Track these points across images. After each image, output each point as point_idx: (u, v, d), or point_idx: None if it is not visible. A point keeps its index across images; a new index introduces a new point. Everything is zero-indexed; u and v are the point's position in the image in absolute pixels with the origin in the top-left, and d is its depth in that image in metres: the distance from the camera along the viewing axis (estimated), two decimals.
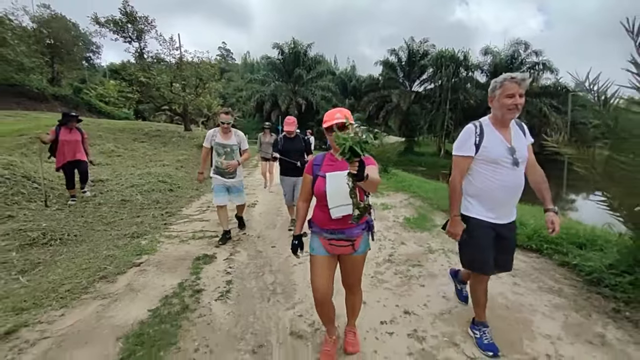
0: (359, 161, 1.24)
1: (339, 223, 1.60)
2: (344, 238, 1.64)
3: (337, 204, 1.56)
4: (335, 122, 1.55)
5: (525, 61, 27.19)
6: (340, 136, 1.25)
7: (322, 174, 1.64)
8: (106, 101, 29.39)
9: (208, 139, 3.54)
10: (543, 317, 2.19)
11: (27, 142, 8.94)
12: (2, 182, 4.60)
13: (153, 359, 1.82)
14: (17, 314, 2.24)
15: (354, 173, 1.25)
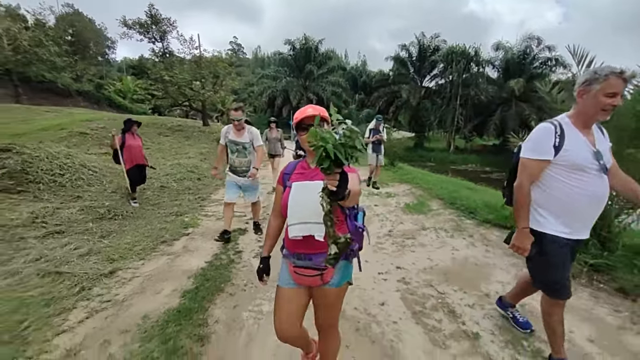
0: (340, 173, 0.92)
1: (305, 245, 1.27)
2: (311, 266, 1.30)
3: (298, 220, 1.25)
4: (306, 115, 1.31)
5: (537, 57, 27.04)
6: (318, 133, 0.91)
7: (289, 184, 1.34)
8: (123, 96, 30.60)
9: (223, 136, 3.51)
10: (500, 271, 2.90)
11: (67, 136, 9.95)
12: (67, 169, 5.50)
13: (217, 288, 2.61)
14: (110, 262, 3.07)
15: (332, 190, 0.93)
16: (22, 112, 12.68)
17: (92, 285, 2.63)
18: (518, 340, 1.98)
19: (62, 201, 4.63)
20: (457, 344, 1.97)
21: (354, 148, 0.90)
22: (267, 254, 1.51)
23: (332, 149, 0.87)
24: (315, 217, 1.15)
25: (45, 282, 2.62)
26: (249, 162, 3.53)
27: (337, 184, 0.92)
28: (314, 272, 1.31)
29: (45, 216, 3.98)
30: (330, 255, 1.00)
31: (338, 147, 0.88)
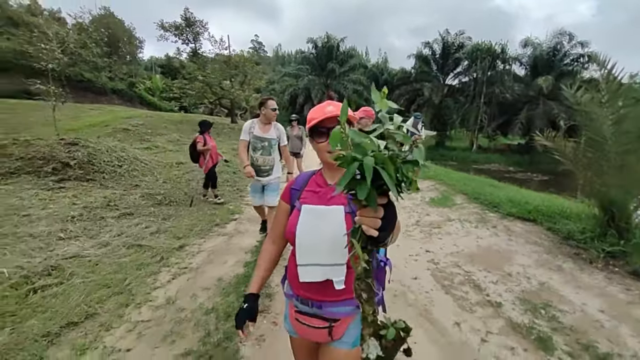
0: (385, 205, 0.59)
1: (315, 289, 0.95)
2: (319, 315, 0.97)
3: (310, 261, 0.92)
4: (326, 116, 0.96)
5: (569, 53, 26.08)
6: (348, 138, 0.56)
7: (298, 206, 1.01)
8: (152, 94, 32.05)
9: (246, 132, 3.16)
10: (522, 256, 3.20)
11: (112, 131, 10.85)
12: (123, 161, 6.19)
13: None
14: (178, 239, 3.61)
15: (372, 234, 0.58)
16: (71, 110, 13.80)
17: (169, 256, 3.17)
18: (537, 309, 2.31)
19: (124, 189, 5.28)
20: (482, 309, 2.33)
21: (412, 164, 0.54)
22: (256, 290, 1.07)
23: (371, 164, 0.50)
24: (334, 257, 0.87)
25: (131, 252, 3.18)
26: (273, 161, 3.21)
27: (379, 224, 0.56)
28: (321, 324, 0.96)
29: (115, 200, 4.61)
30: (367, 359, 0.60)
31: (385, 161, 0.51)
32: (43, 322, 2.04)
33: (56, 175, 5.19)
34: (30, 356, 1.78)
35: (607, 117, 2.87)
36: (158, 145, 10.25)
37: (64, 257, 2.89)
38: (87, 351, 1.86)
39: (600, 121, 2.97)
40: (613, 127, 2.81)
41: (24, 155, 5.34)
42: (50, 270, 2.66)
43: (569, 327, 2.11)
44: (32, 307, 2.20)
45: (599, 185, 3.11)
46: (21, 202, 4.09)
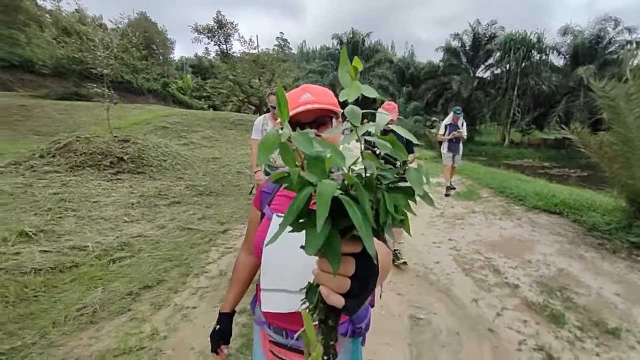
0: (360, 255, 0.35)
1: (288, 318, 0.75)
2: (296, 349, 0.79)
3: (277, 287, 0.75)
4: (300, 111, 0.75)
5: (614, 40, 24.31)
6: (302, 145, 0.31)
7: (269, 213, 0.83)
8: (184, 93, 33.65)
9: (257, 129, 2.80)
10: (544, 246, 3.32)
11: (153, 129, 11.73)
12: (168, 156, 6.83)
13: None
14: (221, 224, 4.06)
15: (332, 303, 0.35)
16: (117, 110, 14.98)
17: (216, 238, 3.61)
18: (553, 291, 2.48)
19: (171, 181, 5.87)
20: (500, 290, 2.54)
21: (404, 194, 0.36)
22: (230, 309, 0.97)
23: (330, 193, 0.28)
24: (295, 286, 0.67)
25: (184, 234, 3.66)
26: None
27: (347, 286, 0.36)
28: (300, 358, 0.79)
29: (164, 191, 5.18)
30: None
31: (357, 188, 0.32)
32: (125, 285, 2.52)
33: (113, 168, 5.87)
34: (120, 309, 2.25)
35: (632, 110, 2.92)
36: (194, 141, 10.97)
37: (131, 237, 3.42)
38: (163, 307, 2.30)
39: (626, 115, 3.02)
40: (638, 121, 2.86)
41: (86, 151, 6.08)
42: (123, 246, 3.18)
43: (582, 306, 2.27)
44: (113, 274, 2.70)
45: (626, 178, 3.15)
46: (89, 191, 4.75)
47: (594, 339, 1.97)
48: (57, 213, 3.79)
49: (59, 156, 5.96)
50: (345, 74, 0.37)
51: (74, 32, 17.36)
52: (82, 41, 16.46)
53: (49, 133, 10.94)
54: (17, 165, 5.69)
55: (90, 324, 2.08)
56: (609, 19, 24.16)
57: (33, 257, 2.75)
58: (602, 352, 1.86)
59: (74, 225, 3.54)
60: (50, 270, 2.62)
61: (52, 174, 5.41)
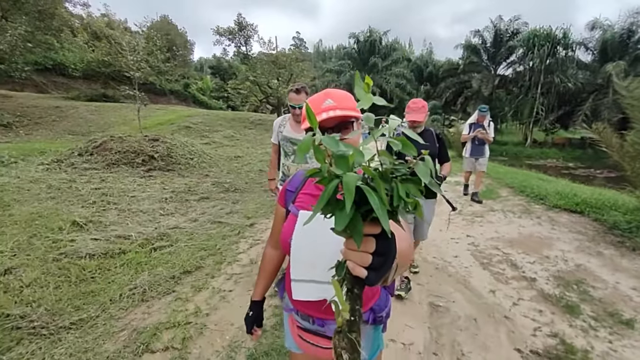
0: (378, 236, 0.44)
1: (316, 306, 0.83)
2: (321, 334, 0.88)
3: (306, 277, 0.82)
4: (324, 118, 0.80)
5: None
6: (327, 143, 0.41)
7: (294, 210, 0.89)
8: (203, 93, 34.49)
9: (275, 131, 2.51)
10: (563, 243, 3.38)
11: (177, 129, 12.22)
12: (194, 154, 7.20)
13: None
14: (248, 218, 4.32)
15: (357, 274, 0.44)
16: (143, 111, 15.69)
17: (244, 231, 3.87)
18: (569, 284, 2.57)
19: (198, 178, 6.21)
20: (517, 282, 2.65)
21: (412, 183, 0.43)
22: (260, 297, 1.08)
23: (353, 182, 0.37)
24: (326, 277, 0.67)
25: (214, 227, 3.94)
26: None
27: (368, 260, 0.43)
28: (326, 344, 0.87)
29: (193, 187, 5.51)
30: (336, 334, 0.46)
31: (375, 179, 0.39)
32: (167, 270, 2.80)
33: (145, 165, 6.27)
34: (165, 290, 2.52)
35: None
36: (215, 140, 11.37)
37: (168, 228, 3.72)
38: (202, 290, 2.55)
39: None
40: None
41: (120, 149, 6.51)
42: (162, 236, 3.48)
43: (598, 299, 2.36)
44: (156, 260, 2.99)
45: None
46: (126, 186, 5.13)
47: (608, 328, 2.06)
48: (101, 206, 4.16)
49: (96, 154, 6.42)
50: (360, 89, 0.46)
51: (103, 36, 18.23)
52: (111, 45, 17.34)
53: (82, 132, 11.64)
54: (59, 162, 6.17)
55: (142, 302, 2.36)
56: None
57: (86, 243, 3.08)
58: (614, 340, 1.96)
59: (117, 217, 3.88)
60: (102, 255, 2.93)
61: (91, 170, 5.85)
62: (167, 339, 1.97)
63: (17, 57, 12.06)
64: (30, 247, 2.91)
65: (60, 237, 3.13)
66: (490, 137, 5.00)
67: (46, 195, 4.33)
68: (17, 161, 6.23)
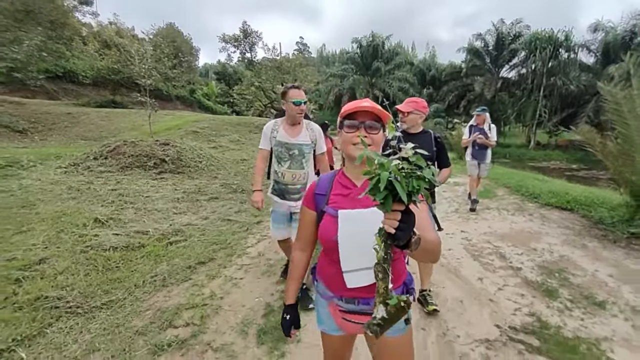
0: (402, 211, 0.69)
1: (361, 288, 0.98)
2: (366, 312, 0.99)
3: (357, 267, 0.96)
4: (360, 109, 0.97)
5: None
6: (371, 157, 0.70)
7: (330, 211, 1.01)
8: (208, 98, 34.98)
9: (266, 136, 2.35)
10: (551, 237, 3.59)
11: (184, 134, 12.56)
12: (202, 158, 7.51)
13: None
14: (255, 217, 4.59)
15: (390, 232, 0.70)
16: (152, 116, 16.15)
17: (252, 228, 4.14)
18: (552, 272, 2.79)
19: (207, 179, 6.51)
20: (504, 271, 2.88)
21: (421, 180, 0.66)
22: (294, 300, 1.14)
23: (386, 177, 0.65)
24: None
25: (224, 224, 4.21)
26: (306, 177, 2.35)
27: (396, 225, 0.69)
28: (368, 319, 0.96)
29: (202, 188, 5.80)
30: (374, 320, 0.73)
31: (399, 176, 0.66)
32: (183, 261, 3.07)
33: (156, 168, 6.59)
34: (183, 277, 2.79)
35: (635, 112, 3.16)
36: (222, 145, 11.69)
37: (181, 225, 4.00)
38: (216, 277, 2.82)
39: (628, 117, 3.26)
40: (636, 122, 3.11)
41: (133, 153, 6.84)
42: (176, 232, 3.76)
43: (576, 284, 2.58)
44: (173, 253, 3.26)
45: (629, 174, 3.38)
46: (140, 187, 5.43)
47: (582, 308, 2.29)
48: (119, 205, 4.46)
49: (110, 158, 6.75)
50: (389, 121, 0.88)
51: (113, 44, 18.78)
52: (120, 53, 17.86)
53: (93, 137, 12.06)
54: (76, 165, 6.51)
55: (163, 287, 2.63)
56: None
57: (108, 238, 3.37)
58: (586, 318, 2.18)
59: (134, 215, 4.18)
60: (124, 248, 3.21)
61: (106, 173, 6.17)
62: (187, 317, 2.24)
63: (32, 66, 12.56)
64: (59, 241, 3.21)
65: (85, 232, 3.43)
66: (492, 141, 4.85)
67: (67, 196, 4.65)
68: (36, 165, 6.59)
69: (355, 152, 0.96)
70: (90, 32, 23.09)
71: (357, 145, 0.95)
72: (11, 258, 2.77)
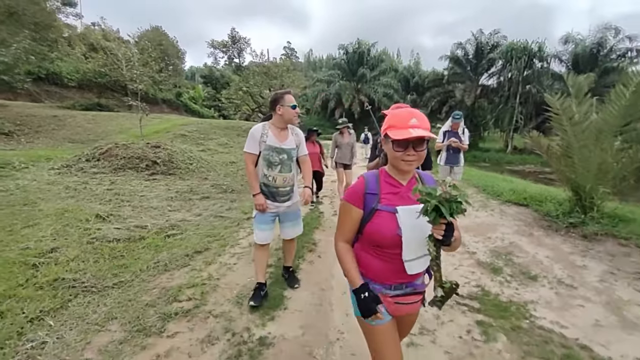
0: (447, 223, 0.96)
1: (407, 273, 1.14)
2: (413, 292, 1.22)
3: (416, 255, 1.12)
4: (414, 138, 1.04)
5: (615, 48, 24.89)
6: (422, 190, 0.96)
7: (388, 208, 1.11)
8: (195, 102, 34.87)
9: (255, 140, 2.34)
10: (506, 227, 4.14)
11: (173, 137, 12.76)
12: (193, 160, 7.81)
13: (314, 226, 4.31)
14: (245, 213, 4.95)
15: (438, 238, 0.98)
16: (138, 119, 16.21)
17: (242, 223, 4.51)
18: (500, 255, 3.30)
19: (198, 180, 6.83)
20: (460, 255, 3.37)
21: (458, 203, 0.93)
22: (362, 280, 1.17)
23: (434, 204, 0.92)
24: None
25: (216, 220, 4.57)
26: (293, 180, 2.49)
27: (442, 233, 0.96)
28: (416, 298, 1.24)
29: (194, 188, 6.12)
30: (437, 298, 1.05)
31: (443, 202, 0.92)
32: (182, 250, 3.43)
33: (149, 170, 6.86)
34: (182, 264, 3.15)
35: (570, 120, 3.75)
36: (211, 148, 11.96)
37: (177, 220, 4.34)
38: (212, 263, 3.19)
39: (566, 124, 3.85)
40: (572, 128, 3.69)
41: (125, 155, 7.08)
42: (172, 227, 4.10)
43: (518, 264, 3.10)
44: (171, 244, 3.61)
45: (569, 173, 3.96)
46: (134, 187, 5.72)
47: (518, 281, 2.79)
48: (117, 203, 4.75)
49: (103, 160, 6.98)
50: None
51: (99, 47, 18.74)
52: (107, 56, 17.85)
53: (81, 140, 12.10)
54: (69, 167, 6.72)
55: (165, 271, 2.99)
56: (610, 27, 24.78)
57: (111, 231, 3.69)
58: (520, 288, 2.68)
59: (132, 212, 4.48)
60: (126, 240, 3.54)
61: (100, 174, 6.41)
62: (189, 293, 2.61)
63: (19, 69, 12.52)
64: (66, 233, 3.50)
65: (88, 227, 3.73)
66: (465, 145, 4.88)
67: (66, 195, 4.90)
68: (28, 166, 6.75)
69: (405, 167, 1.10)
70: (74, 34, 22.87)
71: (407, 162, 1.09)
72: (25, 247, 3.07)
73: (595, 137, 3.62)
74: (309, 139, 5.12)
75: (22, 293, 2.42)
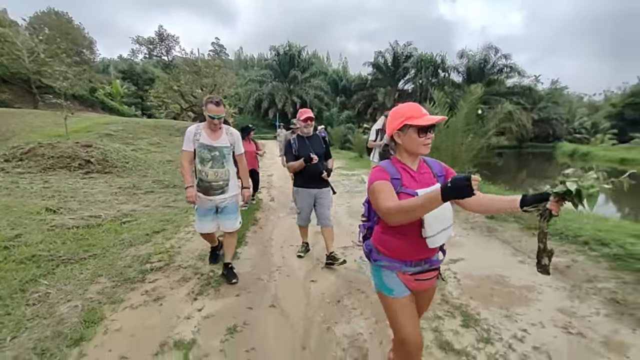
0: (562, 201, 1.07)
1: (425, 250, 1.29)
2: (430, 268, 1.36)
3: (438, 230, 1.24)
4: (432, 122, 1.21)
5: (495, 64, 30.63)
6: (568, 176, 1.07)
7: (409, 191, 1.23)
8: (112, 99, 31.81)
9: (189, 139, 2.63)
10: None
11: (97, 137, 12.11)
12: (129, 159, 7.91)
13: (250, 220, 5.23)
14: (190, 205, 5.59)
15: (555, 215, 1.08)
16: (50, 117, 14.61)
17: (190, 210, 5.16)
18: None
19: (138, 178, 7.08)
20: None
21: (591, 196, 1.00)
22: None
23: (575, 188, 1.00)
24: (449, 221, 1.27)
25: (165, 209, 5.14)
26: (227, 174, 2.72)
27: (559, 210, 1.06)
28: (433, 273, 1.38)
29: (136, 184, 6.43)
30: (546, 266, 1.15)
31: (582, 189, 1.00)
32: (141, 231, 4.02)
33: (82, 169, 6.85)
34: (146, 240, 3.78)
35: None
36: (142, 147, 11.71)
37: (128, 210, 4.80)
38: (171, 239, 3.89)
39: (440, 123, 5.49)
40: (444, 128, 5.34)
41: (53, 155, 6.91)
42: (125, 215, 4.58)
43: None
44: (128, 228, 4.15)
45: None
46: (73, 185, 5.82)
47: None
48: (61, 198, 4.95)
49: (27, 159, 6.73)
50: None
51: None
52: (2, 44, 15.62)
53: None
54: None
55: (131, 246, 3.60)
56: (491, 46, 30.44)
57: (66, 221, 4.06)
58: None
59: (80, 205, 4.78)
60: (85, 227, 3.98)
61: (26, 174, 6.25)
62: (158, 257, 3.32)
63: None
64: (22, 224, 3.79)
65: (42, 217, 4.03)
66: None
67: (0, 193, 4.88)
68: None
69: (424, 150, 1.25)
70: None
71: (426, 145, 1.24)
72: None
73: (453, 134, 5.31)
74: (245, 137, 5.15)
75: (5, 267, 2.86)
